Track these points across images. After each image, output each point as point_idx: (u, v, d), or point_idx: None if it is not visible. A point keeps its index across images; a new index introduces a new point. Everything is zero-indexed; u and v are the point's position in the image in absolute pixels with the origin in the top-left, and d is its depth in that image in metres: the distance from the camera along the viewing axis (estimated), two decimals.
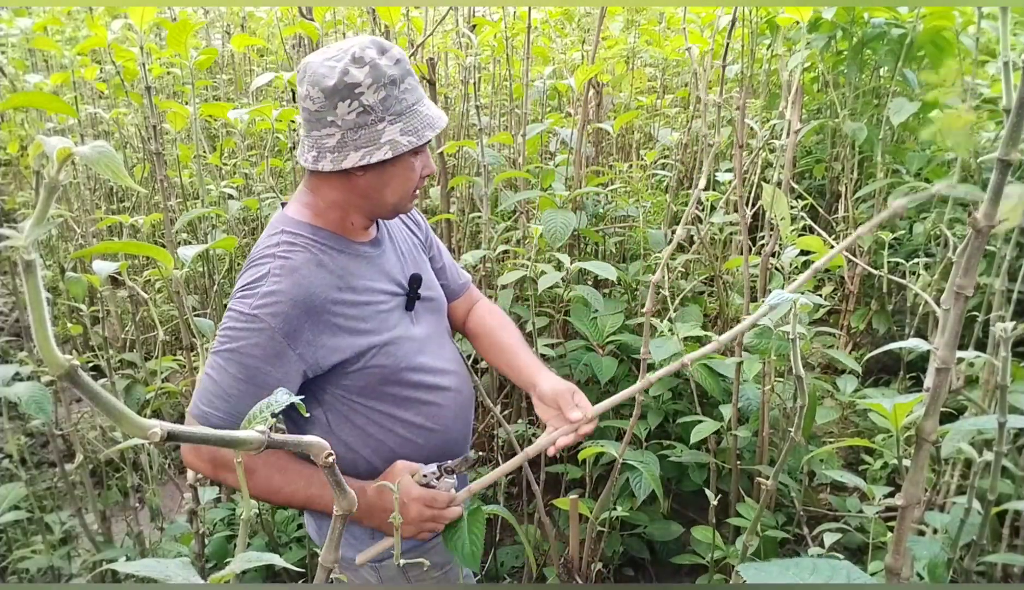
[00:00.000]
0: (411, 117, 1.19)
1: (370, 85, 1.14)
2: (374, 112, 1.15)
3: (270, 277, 1.17)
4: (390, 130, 1.17)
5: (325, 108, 1.15)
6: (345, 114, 1.15)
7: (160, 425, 0.50)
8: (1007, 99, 0.83)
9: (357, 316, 1.24)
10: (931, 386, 0.82)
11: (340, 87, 1.13)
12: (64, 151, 0.48)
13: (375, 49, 1.16)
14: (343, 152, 1.17)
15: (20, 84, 3.00)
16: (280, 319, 1.15)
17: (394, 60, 1.17)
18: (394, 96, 1.17)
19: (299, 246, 1.21)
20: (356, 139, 1.16)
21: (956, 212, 2.37)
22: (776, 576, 0.70)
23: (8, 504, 1.68)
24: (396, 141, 1.17)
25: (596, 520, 1.79)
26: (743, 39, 3.02)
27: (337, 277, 1.23)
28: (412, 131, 1.18)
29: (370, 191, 1.23)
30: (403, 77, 1.18)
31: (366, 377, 1.26)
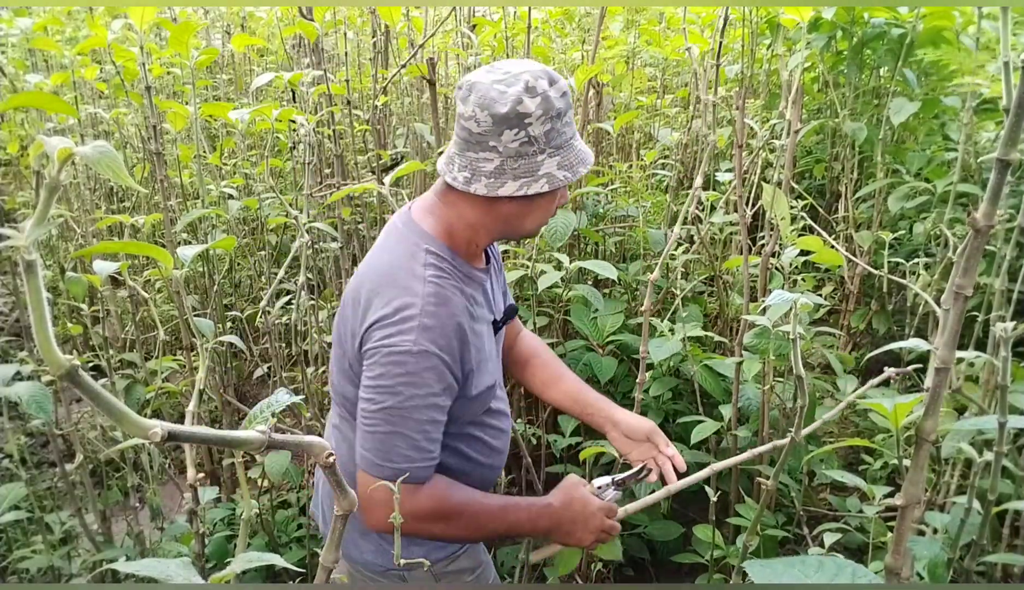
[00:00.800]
0: (567, 151, 1.18)
1: (539, 117, 1.12)
2: (536, 143, 1.14)
3: (426, 306, 1.15)
4: (548, 163, 1.16)
5: (490, 133, 1.13)
6: (509, 142, 1.13)
7: (160, 425, 0.50)
8: (1007, 99, 0.83)
9: (480, 345, 1.25)
10: (931, 386, 0.82)
11: (511, 115, 1.11)
12: (65, 151, 0.48)
13: (546, 80, 1.14)
14: (500, 179, 1.15)
15: (20, 84, 3.00)
16: (446, 352, 1.15)
17: (561, 92, 1.15)
18: (557, 129, 1.15)
19: (445, 271, 1.20)
20: (515, 168, 1.15)
21: (956, 212, 2.37)
22: (781, 574, 0.70)
23: (8, 504, 1.68)
24: (552, 175, 1.16)
25: None
26: (743, 39, 3.02)
27: (470, 305, 1.23)
28: (568, 166, 1.17)
29: (512, 218, 1.23)
30: (566, 110, 1.17)
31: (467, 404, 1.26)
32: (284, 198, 2.12)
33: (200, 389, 1.46)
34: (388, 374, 1.14)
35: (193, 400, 1.44)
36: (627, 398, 2.45)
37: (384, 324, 1.15)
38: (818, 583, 0.69)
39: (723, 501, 2.03)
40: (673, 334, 2.04)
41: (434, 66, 2.19)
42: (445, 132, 3.26)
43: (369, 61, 3.51)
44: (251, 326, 2.95)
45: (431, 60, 2.23)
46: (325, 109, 2.71)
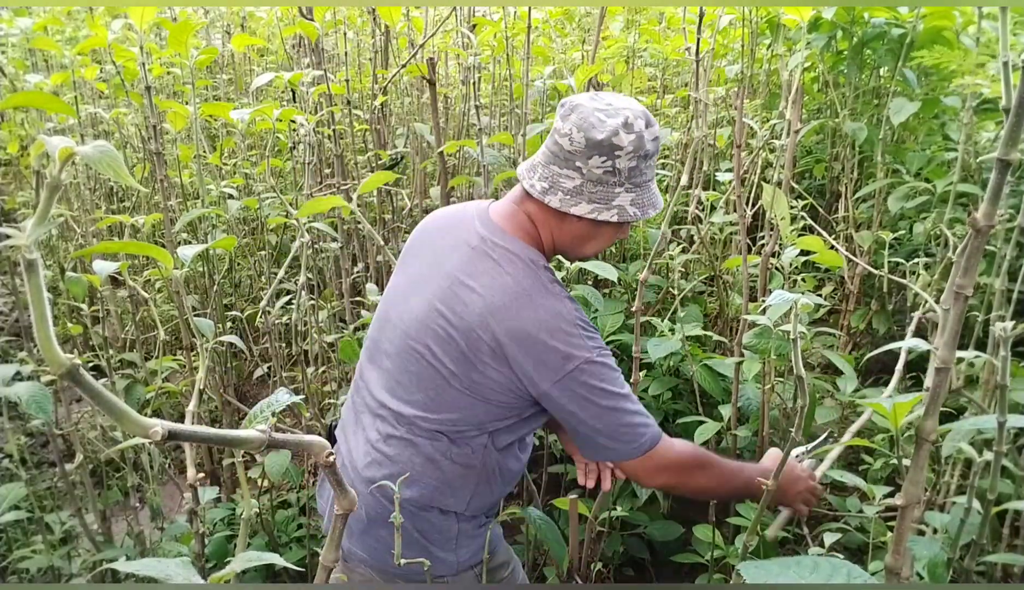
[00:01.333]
0: (644, 192, 1.25)
1: (629, 153, 1.19)
2: (618, 176, 1.21)
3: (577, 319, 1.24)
4: (623, 197, 1.22)
5: (579, 154, 1.20)
6: (595, 167, 1.20)
7: (161, 424, 0.50)
8: (1006, 99, 0.83)
9: None
10: (931, 386, 0.82)
11: (605, 144, 1.18)
12: (66, 151, 0.48)
13: (644, 121, 1.21)
14: (576, 199, 1.22)
15: (20, 84, 3.00)
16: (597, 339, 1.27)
17: (654, 136, 1.23)
18: (640, 169, 1.22)
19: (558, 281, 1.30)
20: (593, 193, 1.21)
21: (956, 212, 2.37)
22: (776, 575, 0.70)
23: (8, 504, 1.68)
24: (624, 209, 1.23)
25: (596, 520, 1.79)
26: (743, 39, 3.02)
27: None
28: (640, 205, 1.24)
29: (577, 239, 1.30)
30: (653, 154, 1.24)
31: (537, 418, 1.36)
32: (284, 198, 2.12)
33: (200, 389, 1.46)
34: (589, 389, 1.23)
35: (193, 400, 1.44)
36: None
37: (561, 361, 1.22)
38: (814, 583, 0.69)
39: (723, 501, 2.03)
40: (673, 334, 2.03)
41: (434, 66, 2.19)
42: (445, 132, 3.26)
43: (369, 61, 3.51)
44: (251, 326, 2.95)
45: (431, 60, 2.23)
46: (325, 109, 2.72)
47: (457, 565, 1.35)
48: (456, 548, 1.35)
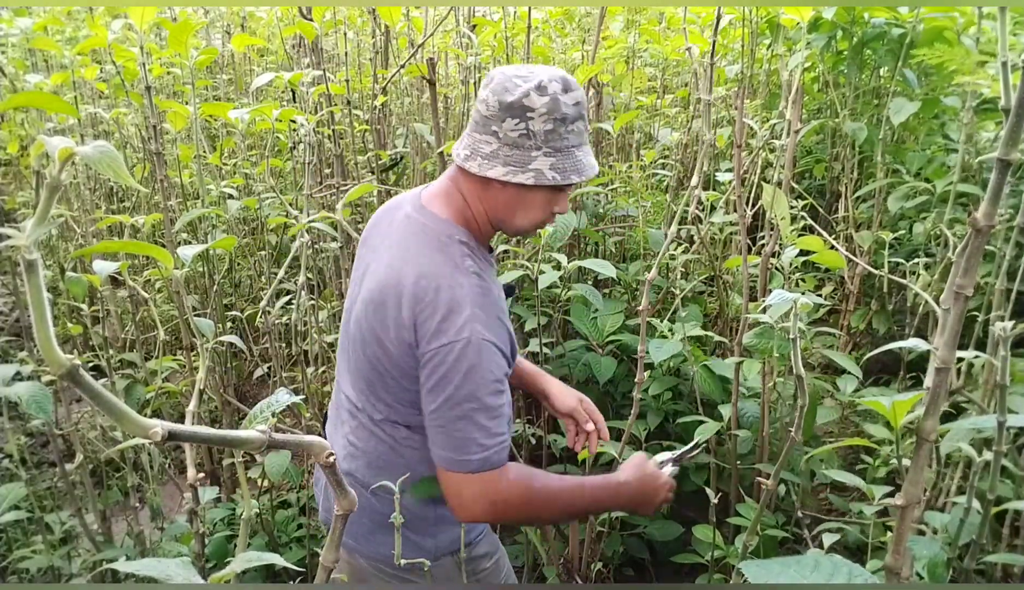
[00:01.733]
0: (565, 156, 1.22)
1: (543, 114, 1.18)
2: (534, 139, 1.19)
3: (473, 297, 1.19)
4: (541, 160, 1.20)
5: (494, 118, 1.20)
6: (509, 130, 1.19)
7: (161, 424, 0.50)
8: (1006, 99, 0.83)
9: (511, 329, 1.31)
10: (931, 386, 0.82)
11: (516, 106, 1.18)
12: (66, 151, 0.48)
13: (560, 85, 1.20)
14: (492, 162, 1.21)
15: (20, 84, 3.00)
16: (497, 338, 1.21)
17: (574, 101, 1.21)
18: (559, 132, 1.20)
19: (478, 258, 1.27)
20: (508, 156, 1.20)
21: (956, 212, 2.37)
22: (777, 574, 0.70)
23: (8, 504, 1.68)
24: (542, 172, 1.20)
25: (596, 520, 1.79)
26: (743, 39, 3.02)
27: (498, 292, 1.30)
28: (559, 170, 1.21)
29: (503, 207, 1.27)
30: (575, 119, 1.21)
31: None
32: (284, 198, 2.12)
33: (200, 389, 1.46)
34: (453, 370, 1.17)
35: (193, 400, 1.44)
36: (626, 398, 2.45)
37: (440, 324, 1.18)
38: (815, 583, 0.69)
39: (723, 501, 2.03)
40: (673, 334, 2.03)
41: (434, 66, 2.19)
42: (445, 132, 3.26)
43: (369, 61, 3.51)
44: (251, 326, 2.95)
45: (431, 60, 2.23)
46: (325, 109, 2.72)
47: (435, 549, 1.35)
48: (435, 534, 1.35)
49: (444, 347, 1.17)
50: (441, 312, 1.18)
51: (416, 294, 1.19)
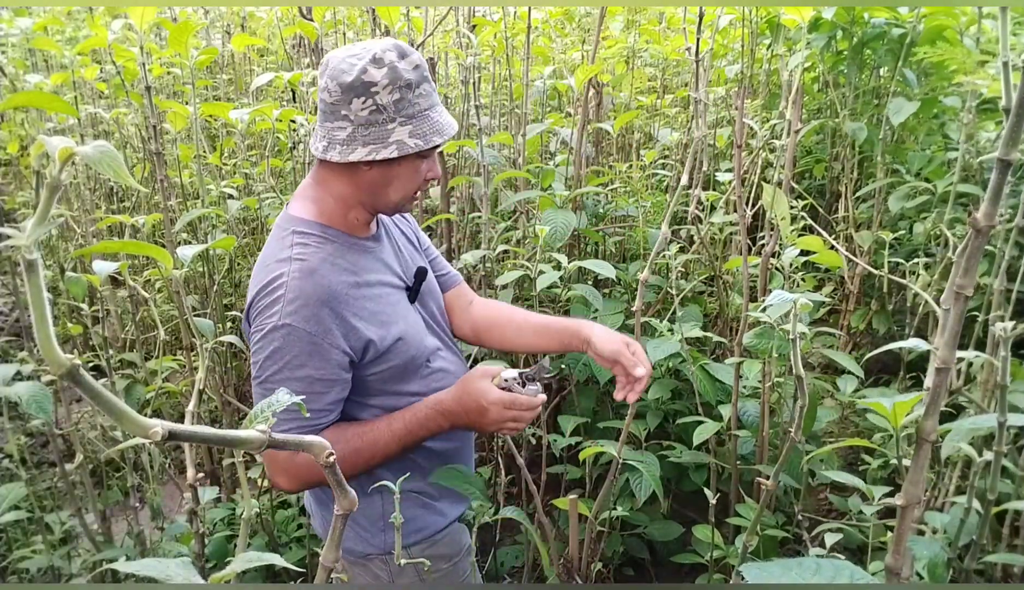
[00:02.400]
0: (421, 121, 1.21)
1: (386, 86, 1.17)
2: (386, 112, 1.18)
3: (290, 282, 1.19)
4: (399, 131, 1.19)
5: (340, 102, 1.18)
6: (359, 110, 1.18)
7: (161, 424, 0.50)
8: (1006, 99, 0.83)
9: (375, 308, 1.28)
10: (931, 386, 0.82)
11: (357, 84, 1.16)
12: (66, 151, 0.48)
13: (395, 52, 1.19)
14: (351, 146, 1.19)
15: (20, 84, 3.00)
16: (312, 322, 1.18)
17: (413, 65, 1.20)
18: (408, 99, 1.19)
19: (312, 245, 1.24)
20: (366, 135, 1.19)
21: (956, 212, 2.37)
22: (778, 576, 0.70)
23: (8, 504, 1.68)
24: (403, 142, 1.19)
25: (596, 520, 1.79)
26: (743, 39, 3.02)
27: (351, 272, 1.26)
28: (420, 135, 1.20)
29: (375, 187, 1.26)
30: (419, 82, 1.20)
31: (390, 369, 1.30)
32: (284, 198, 2.12)
33: (200, 389, 1.46)
34: (260, 350, 1.20)
35: (193, 400, 1.44)
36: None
37: (254, 305, 1.22)
38: (817, 584, 0.69)
39: (723, 501, 2.03)
40: (672, 334, 2.03)
41: (434, 66, 2.19)
42: None
43: None
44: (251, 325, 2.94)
45: (431, 60, 2.23)
46: None
47: (384, 545, 1.35)
48: (383, 528, 1.35)
49: (256, 330, 1.21)
50: (257, 295, 1.21)
51: (251, 283, 1.25)
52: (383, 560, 1.37)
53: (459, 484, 1.37)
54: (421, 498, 1.39)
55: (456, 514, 1.46)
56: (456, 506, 1.46)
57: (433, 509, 1.41)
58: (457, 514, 1.47)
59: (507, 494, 2.41)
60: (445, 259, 1.65)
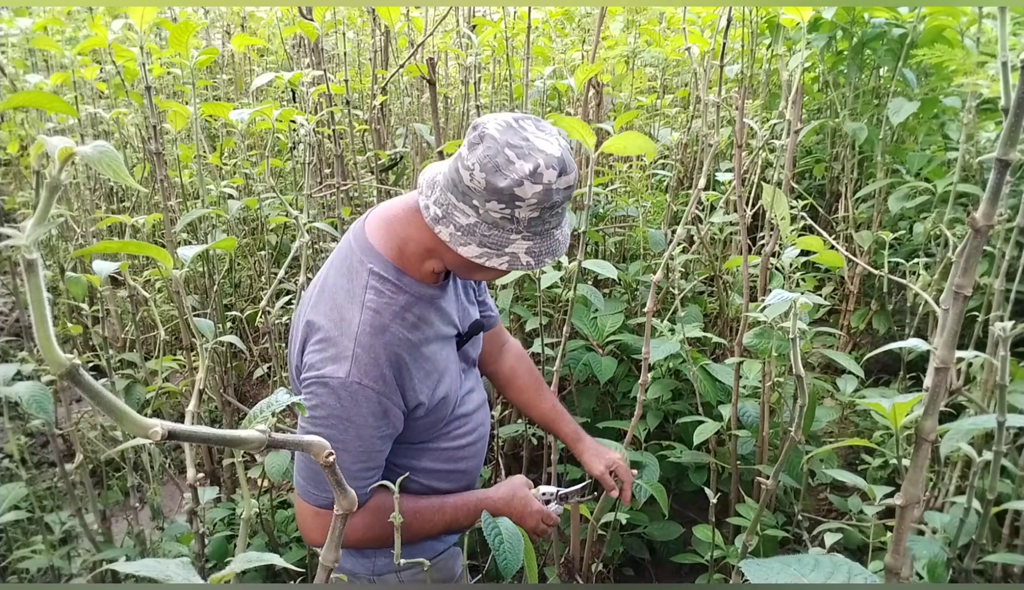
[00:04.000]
0: (543, 240, 1.13)
1: (532, 205, 1.07)
2: (517, 224, 1.10)
3: (361, 336, 1.14)
4: (519, 244, 1.11)
5: (478, 194, 1.07)
6: (493, 211, 1.08)
7: (161, 424, 0.50)
8: (1006, 99, 0.83)
9: (429, 369, 1.25)
10: (930, 386, 0.82)
11: (506, 193, 1.05)
12: (66, 151, 0.48)
13: (557, 170, 1.07)
14: (467, 238, 1.10)
15: (20, 84, 3.00)
16: (381, 382, 1.15)
17: (566, 185, 1.09)
18: (544, 219, 1.11)
19: (386, 295, 1.18)
20: (486, 236, 1.10)
21: (956, 212, 2.37)
22: (777, 573, 0.70)
23: (8, 504, 1.68)
24: (517, 257, 1.12)
25: (597, 524, 1.79)
26: (743, 39, 3.02)
27: (417, 329, 1.22)
28: (535, 254, 1.13)
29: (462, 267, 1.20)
30: (562, 202, 1.11)
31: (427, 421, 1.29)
32: (284, 198, 2.12)
33: (200, 389, 1.46)
34: (322, 405, 1.14)
35: (193, 400, 1.44)
36: (626, 398, 2.45)
37: (320, 350, 1.16)
38: (814, 582, 0.69)
39: (723, 501, 2.03)
40: (673, 334, 2.03)
41: (434, 66, 2.19)
42: (445, 132, 3.26)
43: (369, 61, 3.51)
44: (251, 326, 2.95)
45: (431, 60, 2.23)
46: (325, 109, 2.71)
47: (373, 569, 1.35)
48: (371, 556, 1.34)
49: (317, 380, 1.14)
50: (321, 342, 1.15)
51: (309, 318, 1.19)
52: (369, 579, 1.36)
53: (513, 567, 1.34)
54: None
55: (451, 541, 1.46)
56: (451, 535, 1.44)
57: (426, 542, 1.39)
58: (452, 542, 1.46)
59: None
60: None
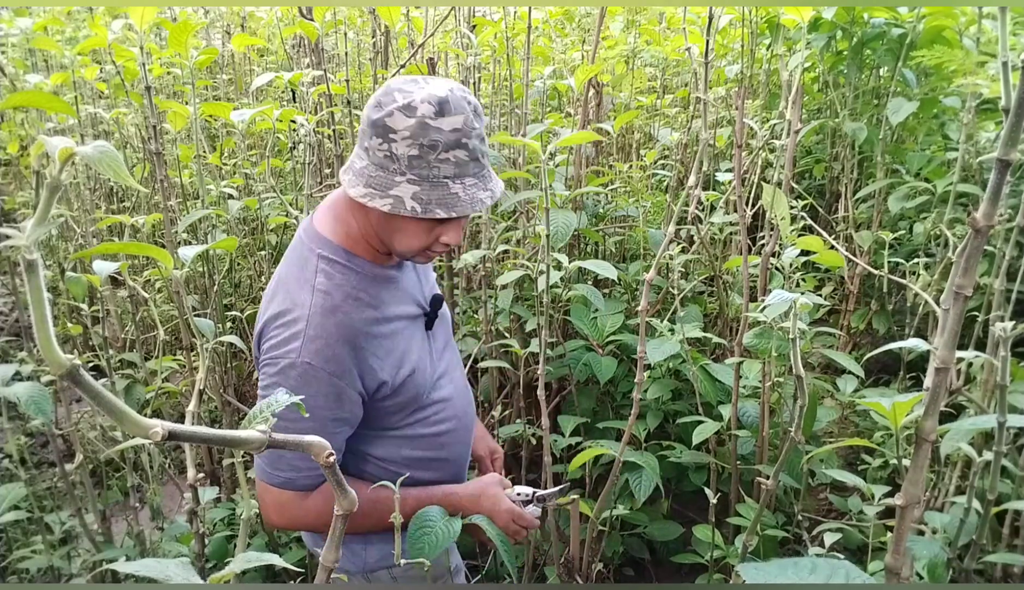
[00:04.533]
0: (434, 187, 1.10)
1: (406, 138, 1.07)
2: (398, 163, 1.09)
3: (312, 317, 1.14)
4: (404, 187, 1.09)
5: (365, 133, 1.12)
6: (375, 149, 1.10)
7: (161, 424, 0.50)
8: (1006, 99, 0.83)
9: (391, 347, 1.24)
10: (930, 386, 0.82)
11: (379, 124, 1.09)
12: (66, 151, 0.48)
13: (435, 108, 1.07)
14: (358, 180, 1.12)
15: (20, 84, 3.00)
16: (333, 363, 1.15)
17: (450, 126, 1.08)
18: (427, 160, 1.08)
19: (337, 277, 1.19)
20: (372, 177, 1.11)
21: (956, 212, 2.37)
22: (775, 575, 0.70)
23: (8, 504, 1.68)
24: (401, 200, 1.09)
25: (597, 520, 1.79)
26: (743, 39, 3.02)
27: (373, 308, 1.21)
28: (423, 202, 1.09)
29: (379, 229, 1.19)
30: (449, 147, 1.08)
31: (396, 404, 1.27)
32: (284, 198, 2.12)
33: (200, 389, 1.46)
34: (272, 386, 1.15)
35: (193, 400, 1.44)
36: (626, 398, 2.45)
37: (273, 336, 1.17)
38: (813, 584, 0.69)
39: (723, 501, 2.03)
40: (672, 334, 2.03)
41: (434, 66, 2.19)
42: None
43: (369, 61, 3.51)
44: (251, 326, 2.94)
45: (431, 60, 2.23)
46: (325, 109, 2.71)
47: (364, 566, 1.34)
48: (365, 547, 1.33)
49: (269, 361, 1.16)
50: (274, 319, 1.17)
51: (267, 299, 1.20)
52: (364, 577, 1.36)
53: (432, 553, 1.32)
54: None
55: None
56: None
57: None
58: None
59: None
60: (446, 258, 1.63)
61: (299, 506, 1.21)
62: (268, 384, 1.16)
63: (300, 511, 1.21)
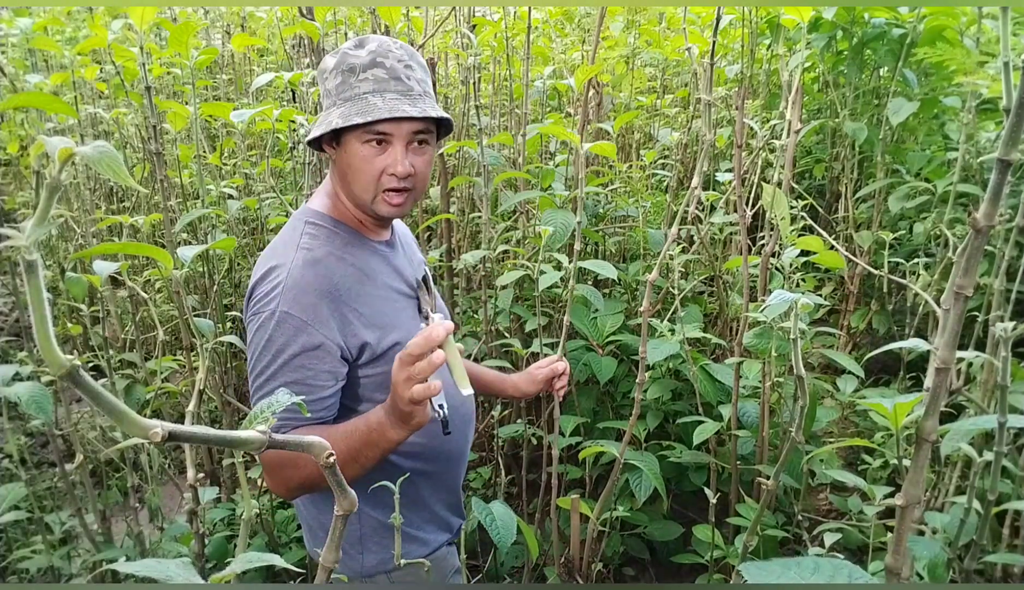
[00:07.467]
0: (356, 103, 1.18)
1: (331, 71, 1.21)
2: (330, 97, 1.21)
3: (292, 270, 1.17)
4: (334, 112, 1.19)
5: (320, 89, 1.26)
6: (322, 95, 1.24)
7: (161, 425, 0.50)
8: (1007, 99, 0.83)
9: (377, 309, 1.24)
10: (931, 386, 0.82)
11: (318, 74, 1.26)
12: (66, 151, 0.48)
13: (354, 42, 1.21)
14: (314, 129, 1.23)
15: (20, 84, 3.00)
16: (310, 312, 1.15)
17: (367, 52, 1.19)
18: (348, 83, 1.19)
19: (321, 238, 1.23)
20: (317, 120, 1.23)
21: (956, 212, 2.37)
22: (777, 575, 0.70)
23: (8, 504, 1.68)
24: (330, 122, 1.18)
25: (597, 520, 1.79)
26: (743, 39, 3.02)
27: (358, 270, 1.24)
28: (346, 116, 1.17)
29: (339, 177, 1.26)
30: (366, 67, 1.18)
31: (383, 374, 1.24)
32: (284, 198, 2.12)
33: (200, 389, 1.46)
34: (254, 340, 1.17)
35: (193, 400, 1.44)
36: (626, 398, 2.45)
37: (254, 290, 1.20)
38: (815, 584, 0.69)
39: (723, 501, 2.03)
40: (673, 335, 2.03)
41: (434, 66, 2.19)
42: None
43: None
44: None
45: (431, 60, 2.22)
46: None
47: (361, 570, 1.30)
48: (356, 556, 1.30)
49: (251, 317, 1.18)
50: (258, 281, 1.20)
51: (255, 270, 1.24)
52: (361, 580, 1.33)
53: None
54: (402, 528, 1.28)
55: (441, 540, 1.40)
56: (441, 533, 1.40)
57: (415, 540, 1.35)
58: (443, 541, 1.41)
59: (507, 494, 2.41)
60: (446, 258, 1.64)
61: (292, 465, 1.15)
62: (249, 339, 1.19)
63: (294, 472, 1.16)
